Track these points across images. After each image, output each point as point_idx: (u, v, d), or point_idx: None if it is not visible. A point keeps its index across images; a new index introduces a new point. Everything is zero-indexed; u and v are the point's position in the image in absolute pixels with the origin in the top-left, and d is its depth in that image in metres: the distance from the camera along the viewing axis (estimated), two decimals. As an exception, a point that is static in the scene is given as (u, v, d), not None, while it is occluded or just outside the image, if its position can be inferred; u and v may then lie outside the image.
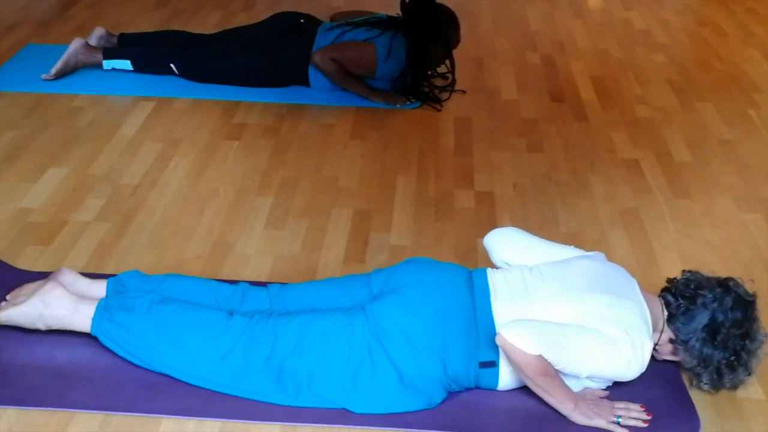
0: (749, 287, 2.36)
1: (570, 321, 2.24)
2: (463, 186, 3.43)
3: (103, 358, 2.37)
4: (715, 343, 2.27)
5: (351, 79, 4.06)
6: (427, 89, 4.14)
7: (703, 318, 2.29)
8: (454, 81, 4.20)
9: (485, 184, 3.44)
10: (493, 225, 3.13)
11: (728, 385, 2.34)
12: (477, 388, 2.33)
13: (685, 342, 2.31)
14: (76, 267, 2.81)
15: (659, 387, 2.39)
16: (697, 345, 2.29)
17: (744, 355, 2.28)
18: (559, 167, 3.59)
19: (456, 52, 4.22)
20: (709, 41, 5.06)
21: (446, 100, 4.12)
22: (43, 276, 2.64)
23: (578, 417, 2.23)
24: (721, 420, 2.32)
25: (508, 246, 2.53)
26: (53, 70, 4.14)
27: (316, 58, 4.02)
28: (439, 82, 4.25)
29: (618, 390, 2.34)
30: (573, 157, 3.67)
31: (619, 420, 2.23)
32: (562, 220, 3.20)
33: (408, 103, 4.08)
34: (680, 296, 2.34)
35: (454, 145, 3.76)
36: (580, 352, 2.19)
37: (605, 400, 2.29)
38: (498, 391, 2.33)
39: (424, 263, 2.48)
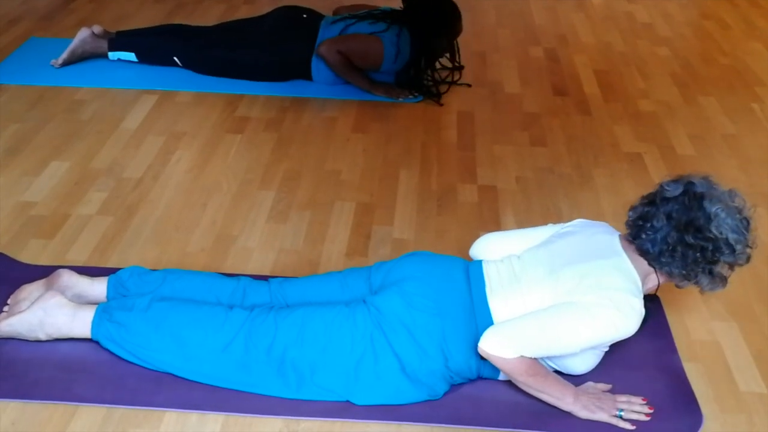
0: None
1: (553, 301, 2.23)
2: (465, 180, 3.42)
3: (106, 352, 2.37)
4: (685, 254, 2.23)
5: (355, 72, 4.06)
6: (430, 83, 4.14)
7: (663, 246, 2.25)
8: (460, 70, 4.19)
9: (488, 177, 3.44)
10: (495, 219, 3.14)
11: (732, 267, 2.28)
12: (479, 378, 2.35)
13: (660, 268, 2.29)
14: (79, 261, 2.82)
15: (662, 381, 2.39)
16: (675, 270, 2.27)
17: (713, 238, 2.21)
18: (562, 161, 3.59)
19: (459, 46, 4.21)
20: (713, 35, 5.05)
21: (446, 92, 4.12)
22: (46, 271, 2.64)
23: (580, 411, 2.24)
24: (723, 414, 2.32)
25: (493, 250, 2.51)
26: (60, 59, 4.19)
27: (323, 49, 4.01)
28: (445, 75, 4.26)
29: (620, 384, 2.35)
30: (576, 151, 3.67)
31: (622, 414, 2.24)
32: (565, 214, 3.20)
33: (410, 97, 4.08)
34: (635, 238, 2.31)
35: (457, 139, 3.76)
36: (558, 335, 2.18)
37: (607, 393, 2.29)
38: (501, 384, 2.34)
39: (423, 256, 2.49)
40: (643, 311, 2.23)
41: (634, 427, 2.22)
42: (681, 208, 2.24)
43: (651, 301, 2.47)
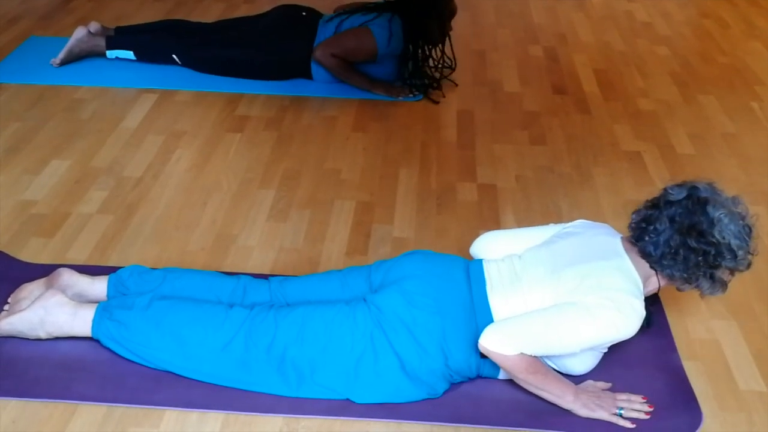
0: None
1: (554, 301, 2.23)
2: (465, 178, 3.43)
3: (106, 351, 2.37)
4: (687, 258, 2.24)
5: (353, 73, 4.06)
6: (428, 81, 4.14)
7: (665, 249, 2.25)
8: (452, 69, 4.19)
9: (488, 176, 3.45)
10: (495, 217, 3.14)
11: (733, 272, 2.28)
12: (479, 377, 2.35)
13: (662, 271, 2.30)
14: (79, 259, 2.82)
15: (661, 379, 2.39)
16: (676, 273, 2.27)
17: (716, 242, 2.22)
18: (562, 160, 3.59)
19: (458, 44, 4.21)
20: (712, 34, 5.05)
21: (437, 88, 4.12)
22: (46, 270, 2.65)
23: (580, 409, 2.24)
24: (723, 412, 2.32)
25: (493, 249, 2.51)
26: (59, 58, 4.20)
27: (318, 55, 4.02)
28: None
29: (620, 382, 2.35)
30: (576, 150, 3.67)
31: (621, 412, 2.24)
32: (565, 213, 3.20)
33: (410, 95, 4.08)
34: (638, 240, 2.31)
35: (457, 138, 3.76)
36: (559, 334, 2.18)
37: (607, 392, 2.30)
38: (501, 382, 2.34)
39: (423, 255, 2.49)
40: (644, 312, 2.24)
41: (633, 426, 2.22)
42: (684, 211, 2.25)
43: (652, 302, 2.47)
